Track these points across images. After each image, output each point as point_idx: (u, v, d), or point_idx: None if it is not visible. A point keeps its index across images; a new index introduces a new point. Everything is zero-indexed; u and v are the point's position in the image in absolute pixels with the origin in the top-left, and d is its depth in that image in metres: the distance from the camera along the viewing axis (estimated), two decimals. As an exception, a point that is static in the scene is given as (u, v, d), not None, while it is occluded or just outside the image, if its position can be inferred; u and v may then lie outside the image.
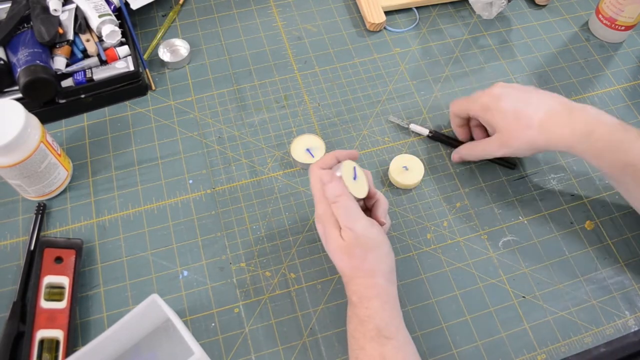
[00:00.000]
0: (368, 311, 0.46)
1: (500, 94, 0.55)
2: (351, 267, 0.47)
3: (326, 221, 0.48)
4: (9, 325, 0.49)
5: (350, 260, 0.47)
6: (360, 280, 0.47)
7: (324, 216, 0.48)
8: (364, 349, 0.45)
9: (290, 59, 0.70)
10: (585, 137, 0.51)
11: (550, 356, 0.51)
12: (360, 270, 0.47)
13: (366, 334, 0.45)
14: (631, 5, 0.68)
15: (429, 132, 0.64)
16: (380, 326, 0.45)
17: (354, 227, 0.47)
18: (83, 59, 0.63)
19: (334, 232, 0.47)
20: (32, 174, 0.53)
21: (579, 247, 0.57)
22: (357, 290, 0.47)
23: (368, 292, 0.47)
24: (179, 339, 0.49)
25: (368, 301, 0.46)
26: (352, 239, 0.46)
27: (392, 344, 0.45)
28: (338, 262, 0.48)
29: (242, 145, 0.63)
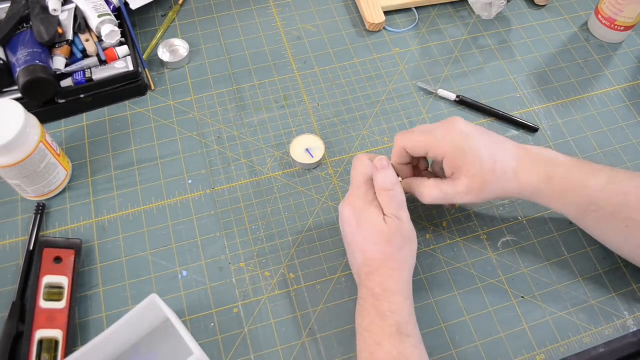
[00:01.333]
0: (392, 306, 0.45)
1: (470, 133, 0.49)
2: (385, 255, 0.47)
3: (366, 204, 0.48)
4: (8, 325, 0.49)
5: (387, 246, 0.47)
6: (389, 272, 0.47)
7: (364, 199, 0.48)
8: (381, 344, 0.44)
9: (289, 59, 0.70)
10: (548, 181, 0.49)
11: (550, 356, 0.51)
12: (392, 259, 0.47)
13: (385, 329, 0.45)
14: (631, 5, 0.68)
15: (457, 97, 0.66)
16: (401, 323, 0.45)
17: (402, 216, 0.48)
18: (82, 59, 0.63)
19: (377, 216, 0.48)
20: (32, 174, 0.53)
21: (578, 248, 0.57)
22: (382, 282, 0.46)
23: (394, 286, 0.47)
24: (178, 339, 0.49)
25: (393, 295, 0.46)
26: (396, 227, 0.47)
27: (411, 342, 0.45)
28: (372, 247, 0.47)
29: (241, 146, 0.63)
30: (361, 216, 0.48)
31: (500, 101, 0.68)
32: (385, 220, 0.48)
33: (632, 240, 0.50)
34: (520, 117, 0.66)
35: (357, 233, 0.48)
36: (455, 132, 0.49)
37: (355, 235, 0.49)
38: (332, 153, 0.63)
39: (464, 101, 0.67)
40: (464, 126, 0.50)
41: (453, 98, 0.67)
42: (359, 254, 0.48)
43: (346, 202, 0.50)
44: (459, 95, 0.67)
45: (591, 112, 0.67)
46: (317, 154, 0.61)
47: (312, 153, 0.61)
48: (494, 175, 0.48)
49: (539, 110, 0.67)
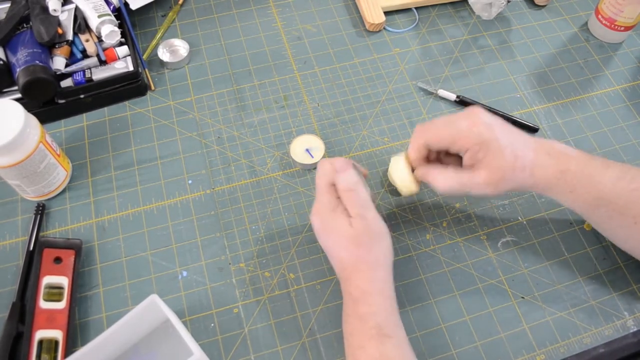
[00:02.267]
0: (370, 308, 0.45)
1: (492, 124, 0.49)
2: (356, 258, 0.47)
3: (330, 211, 0.48)
4: (8, 325, 0.49)
5: (356, 249, 0.47)
6: (364, 274, 0.46)
7: (328, 206, 0.48)
8: (364, 347, 0.44)
9: (289, 59, 0.70)
10: (562, 175, 0.49)
11: (549, 357, 0.51)
12: (364, 261, 0.47)
13: (366, 332, 0.44)
14: (631, 5, 0.68)
15: (457, 97, 0.66)
16: (382, 324, 0.45)
17: (367, 215, 0.47)
18: (82, 59, 0.63)
19: (342, 220, 0.47)
20: (31, 174, 0.53)
21: (578, 248, 0.57)
22: (359, 285, 0.46)
23: (371, 287, 0.46)
24: (178, 339, 0.49)
25: (370, 297, 0.46)
26: (362, 227, 0.47)
27: (392, 342, 0.44)
28: (342, 252, 0.47)
29: (241, 146, 0.63)
30: (328, 223, 0.48)
31: (500, 101, 0.68)
32: (351, 223, 0.47)
33: (638, 236, 0.50)
34: (520, 117, 0.66)
35: (327, 240, 0.48)
36: (479, 124, 0.48)
37: (327, 242, 0.48)
38: (332, 153, 0.63)
39: (464, 101, 0.67)
40: (486, 117, 0.49)
41: (453, 98, 0.67)
42: (334, 260, 0.48)
43: (313, 210, 0.49)
44: (459, 96, 0.67)
45: (591, 112, 0.67)
46: (317, 154, 0.61)
47: (312, 153, 0.61)
48: (513, 171, 0.48)
49: (539, 110, 0.67)
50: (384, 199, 0.60)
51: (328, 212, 0.48)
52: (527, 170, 0.49)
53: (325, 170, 0.50)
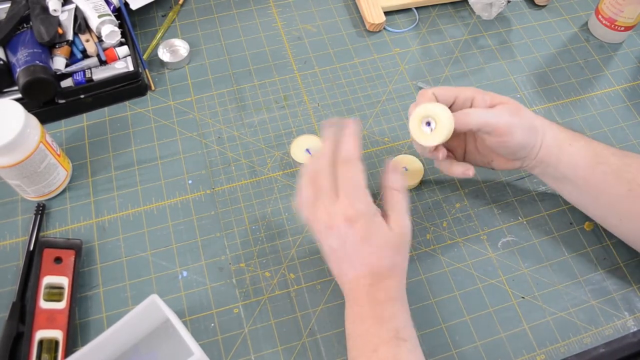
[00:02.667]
0: (392, 310, 0.45)
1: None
2: (393, 265, 0.45)
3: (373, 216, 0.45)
4: (8, 325, 0.49)
5: (395, 255, 0.45)
6: (395, 281, 0.45)
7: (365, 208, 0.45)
8: (377, 350, 0.43)
9: (290, 59, 0.70)
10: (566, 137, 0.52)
11: (550, 356, 0.51)
12: (400, 268, 0.46)
13: (383, 335, 0.43)
14: (631, 5, 0.68)
15: None
16: (399, 327, 0.44)
17: (407, 221, 0.47)
18: (82, 59, 0.63)
19: (384, 225, 0.45)
20: (32, 174, 0.53)
21: (578, 248, 0.57)
22: (388, 291, 0.45)
23: (397, 293, 0.46)
24: (178, 339, 0.49)
25: (395, 302, 0.45)
26: (404, 234, 0.46)
27: (407, 346, 0.44)
28: (379, 260, 0.45)
29: (241, 146, 0.63)
30: (369, 229, 0.45)
31: (501, 101, 0.68)
32: (391, 227, 0.46)
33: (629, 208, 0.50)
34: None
35: (364, 248, 0.45)
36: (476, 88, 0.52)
37: (361, 250, 0.45)
38: (332, 153, 0.63)
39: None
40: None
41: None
42: (362, 267, 0.45)
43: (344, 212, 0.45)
44: (459, 96, 0.67)
45: (591, 112, 0.67)
46: None
47: (312, 153, 0.61)
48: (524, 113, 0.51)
49: (539, 110, 0.67)
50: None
51: (369, 219, 0.45)
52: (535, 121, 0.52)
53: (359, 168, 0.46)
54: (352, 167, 0.46)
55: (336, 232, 0.45)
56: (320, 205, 0.46)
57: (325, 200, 0.46)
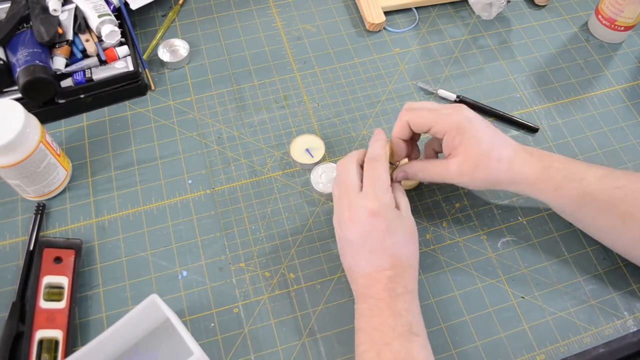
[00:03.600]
0: (407, 305, 0.45)
1: (473, 118, 0.50)
2: (413, 254, 0.49)
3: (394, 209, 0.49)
4: (8, 325, 0.49)
5: (413, 245, 0.49)
6: (413, 271, 0.48)
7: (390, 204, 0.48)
8: (390, 344, 0.43)
9: (289, 59, 0.70)
10: (545, 171, 0.50)
11: (550, 356, 0.51)
12: (416, 256, 0.49)
13: (397, 328, 0.44)
14: (631, 5, 0.68)
15: (457, 97, 0.66)
16: (413, 322, 0.45)
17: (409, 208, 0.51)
18: (82, 59, 0.63)
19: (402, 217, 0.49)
20: (32, 174, 0.53)
21: (578, 248, 0.57)
22: (407, 282, 0.47)
23: (414, 285, 0.47)
24: (178, 339, 0.49)
25: (410, 293, 0.46)
26: (413, 222, 0.50)
27: (419, 341, 0.44)
28: (403, 249, 0.48)
29: (241, 146, 0.63)
30: (392, 222, 0.47)
31: (501, 101, 0.68)
32: (404, 216, 0.49)
33: (627, 235, 0.50)
34: (520, 117, 0.66)
35: (386, 240, 0.47)
36: (461, 114, 0.51)
37: (384, 242, 0.47)
38: (332, 153, 0.63)
39: (464, 101, 0.67)
40: (469, 112, 0.51)
41: (453, 98, 0.67)
42: (384, 259, 0.47)
43: (368, 206, 0.47)
44: (459, 95, 0.67)
45: (591, 112, 0.67)
46: (317, 154, 0.61)
47: (312, 153, 0.61)
48: (488, 160, 0.50)
49: (539, 110, 0.67)
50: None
51: (391, 213, 0.48)
52: (504, 162, 0.50)
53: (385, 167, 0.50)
54: (376, 164, 0.49)
55: (358, 225, 0.47)
56: (344, 198, 0.49)
57: (350, 194, 0.49)
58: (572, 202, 0.50)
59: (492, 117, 0.66)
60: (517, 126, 0.66)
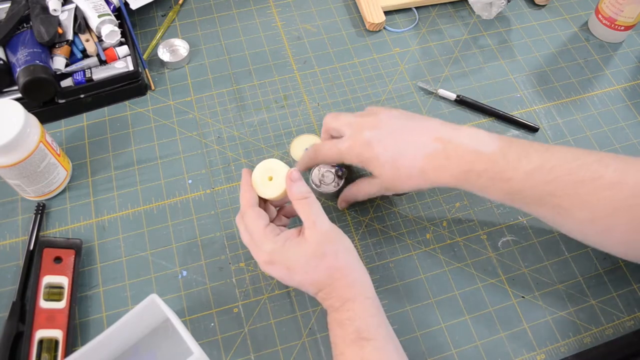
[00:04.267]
0: (349, 313, 0.45)
1: (371, 140, 0.50)
2: (327, 270, 0.46)
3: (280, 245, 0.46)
4: (8, 325, 0.49)
5: (323, 262, 0.45)
6: (340, 282, 0.46)
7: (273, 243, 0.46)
8: (344, 354, 0.44)
9: (289, 59, 0.70)
10: (464, 175, 0.48)
11: (550, 356, 0.51)
12: (336, 269, 0.46)
13: (346, 338, 0.44)
14: (631, 5, 0.68)
15: (457, 97, 0.66)
16: (361, 328, 0.44)
17: (324, 221, 0.47)
18: (82, 59, 0.63)
19: (297, 244, 0.46)
20: (32, 173, 0.53)
21: (579, 248, 0.57)
22: (340, 294, 0.45)
23: (350, 292, 0.46)
24: (178, 339, 0.49)
25: (351, 302, 0.45)
26: (321, 236, 0.46)
27: (373, 345, 0.44)
28: (312, 275, 0.46)
29: (241, 145, 0.63)
30: (285, 259, 0.46)
31: (501, 101, 0.68)
32: (306, 238, 0.46)
33: (566, 224, 0.48)
34: (520, 116, 0.66)
35: (293, 276, 0.46)
36: (358, 145, 0.51)
37: (294, 278, 0.47)
38: (332, 153, 0.63)
39: (464, 101, 0.67)
40: (369, 131, 0.51)
41: (453, 98, 0.67)
42: (307, 287, 0.47)
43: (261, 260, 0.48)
44: (459, 95, 0.67)
45: (591, 112, 0.67)
46: None
47: None
48: (399, 176, 0.50)
49: (539, 110, 0.67)
50: (383, 198, 0.60)
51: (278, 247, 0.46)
52: (414, 174, 0.50)
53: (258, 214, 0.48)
54: (244, 217, 0.49)
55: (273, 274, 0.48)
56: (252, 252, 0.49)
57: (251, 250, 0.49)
58: (502, 198, 0.49)
59: (492, 116, 0.66)
60: (517, 126, 0.66)
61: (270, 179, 0.49)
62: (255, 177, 0.49)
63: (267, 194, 0.49)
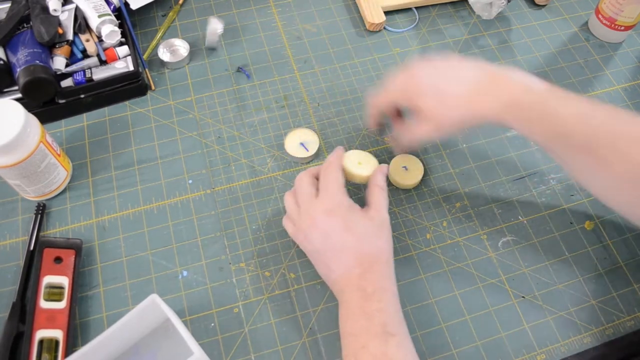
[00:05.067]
0: (380, 304, 0.45)
1: (417, 74, 0.52)
2: (378, 249, 0.48)
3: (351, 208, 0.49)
4: (8, 325, 0.49)
5: (378, 241, 0.49)
6: (380, 267, 0.47)
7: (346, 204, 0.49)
8: (366, 347, 0.43)
9: (289, 58, 0.70)
10: (511, 107, 0.47)
11: (550, 356, 0.51)
12: (384, 252, 0.48)
13: (371, 330, 0.44)
14: (631, 5, 0.68)
15: None
16: (387, 322, 0.44)
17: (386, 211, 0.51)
18: (83, 59, 0.63)
19: (364, 216, 0.49)
20: (32, 174, 0.53)
21: (579, 247, 0.57)
22: (376, 280, 0.46)
23: (384, 282, 0.47)
24: (178, 339, 0.49)
25: (383, 293, 0.46)
26: (383, 222, 0.50)
27: (396, 341, 0.44)
28: (365, 245, 0.48)
29: (241, 145, 0.63)
30: (349, 219, 0.49)
31: (501, 101, 0.68)
32: (370, 216, 0.49)
33: (600, 177, 0.46)
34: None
35: (346, 237, 0.48)
36: (409, 82, 0.52)
37: (345, 239, 0.48)
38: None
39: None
40: (417, 70, 0.52)
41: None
42: (349, 257, 0.48)
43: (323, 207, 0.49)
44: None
45: (591, 112, 0.67)
46: (312, 148, 0.61)
47: (307, 147, 0.61)
48: (445, 107, 0.50)
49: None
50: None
51: (347, 210, 0.49)
52: (461, 103, 0.49)
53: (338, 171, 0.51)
54: (328, 169, 0.51)
55: (317, 228, 0.49)
56: (302, 207, 0.51)
57: (306, 201, 0.50)
58: (543, 139, 0.47)
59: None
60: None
61: (360, 163, 0.54)
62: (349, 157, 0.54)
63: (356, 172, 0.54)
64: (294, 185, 0.53)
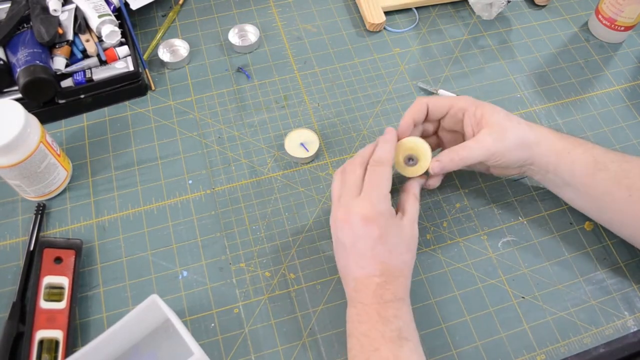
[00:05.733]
0: (397, 311, 0.45)
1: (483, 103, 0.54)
2: (405, 264, 0.48)
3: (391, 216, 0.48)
4: (8, 325, 0.49)
5: (407, 255, 0.48)
6: (404, 280, 0.48)
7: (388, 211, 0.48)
8: (379, 350, 0.43)
9: (290, 59, 0.70)
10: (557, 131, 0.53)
11: (550, 356, 0.51)
12: (410, 267, 0.49)
13: (386, 334, 0.44)
14: (631, 5, 0.68)
15: None
16: (403, 328, 0.45)
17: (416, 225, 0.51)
18: (83, 59, 0.63)
19: (400, 225, 0.49)
20: (32, 174, 0.53)
21: (579, 248, 0.57)
22: (396, 290, 0.46)
23: (403, 292, 0.47)
24: (178, 339, 0.49)
25: (401, 302, 0.46)
26: (414, 232, 0.50)
27: (409, 346, 0.44)
28: (396, 258, 0.47)
29: (241, 146, 0.63)
30: (385, 230, 0.47)
31: (501, 101, 0.68)
32: (404, 225, 0.49)
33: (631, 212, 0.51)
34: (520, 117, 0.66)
35: (378, 247, 0.46)
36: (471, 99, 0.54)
37: (376, 249, 0.46)
38: (333, 153, 0.63)
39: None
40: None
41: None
42: (375, 266, 0.46)
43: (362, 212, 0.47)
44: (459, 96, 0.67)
45: (591, 112, 0.67)
46: (312, 148, 0.61)
47: (307, 147, 0.61)
48: (511, 122, 0.52)
49: (539, 110, 0.67)
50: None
51: (385, 220, 0.47)
52: (522, 124, 0.52)
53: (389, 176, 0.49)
54: (379, 168, 0.49)
55: (350, 228, 0.48)
56: (342, 198, 0.49)
57: (348, 195, 0.49)
58: (584, 169, 0.51)
59: (492, 117, 0.66)
60: (518, 126, 0.66)
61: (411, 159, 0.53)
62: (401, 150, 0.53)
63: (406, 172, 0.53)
64: (345, 168, 0.51)
